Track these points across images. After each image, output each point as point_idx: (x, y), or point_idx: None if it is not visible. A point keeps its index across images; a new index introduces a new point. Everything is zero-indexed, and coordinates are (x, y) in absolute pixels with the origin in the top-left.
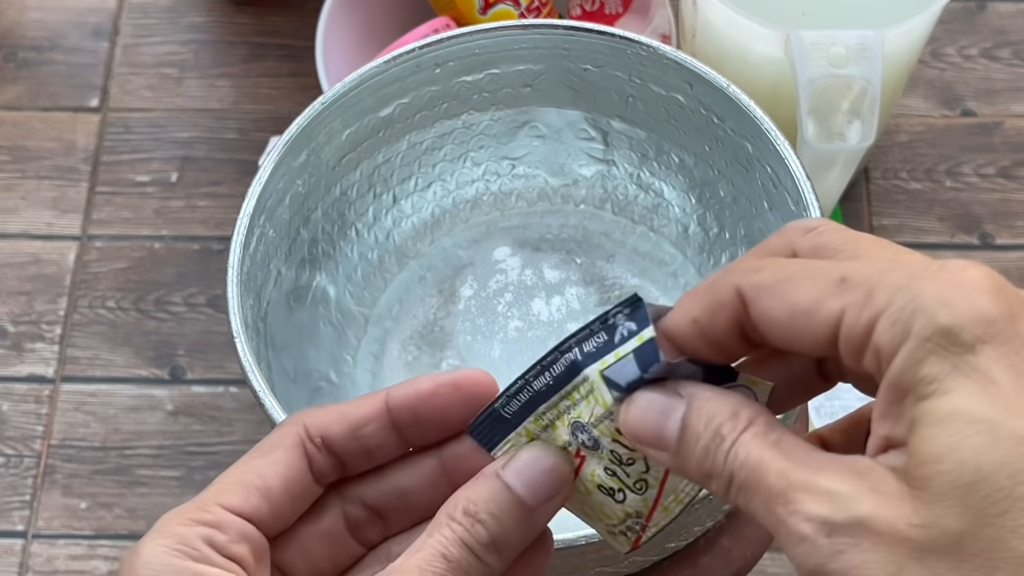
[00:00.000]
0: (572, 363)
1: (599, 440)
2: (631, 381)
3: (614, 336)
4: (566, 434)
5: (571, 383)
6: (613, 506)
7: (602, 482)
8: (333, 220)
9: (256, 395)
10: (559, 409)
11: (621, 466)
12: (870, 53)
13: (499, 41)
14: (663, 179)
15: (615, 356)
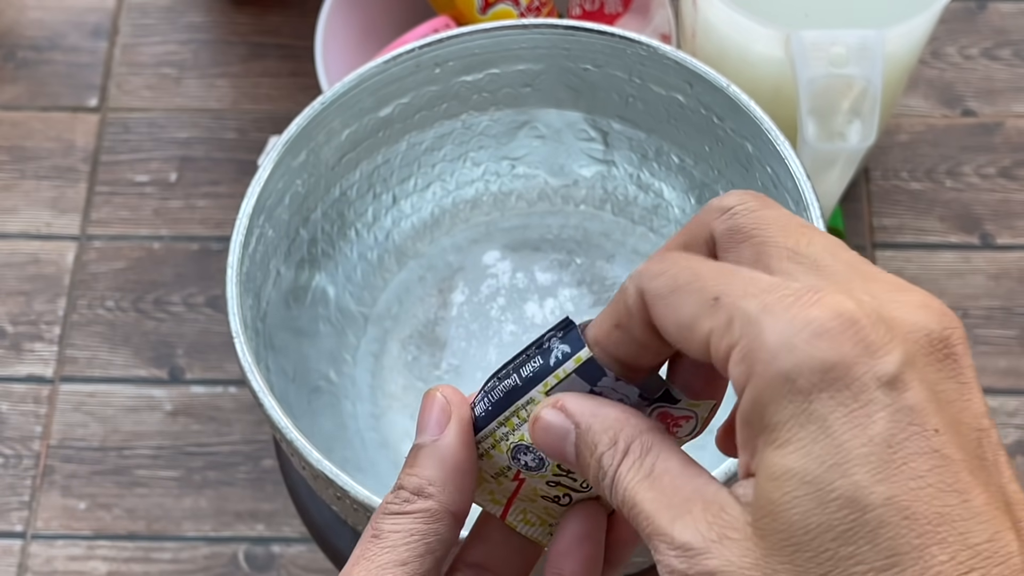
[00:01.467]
0: (512, 388)
1: (545, 459)
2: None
3: (549, 359)
4: (504, 460)
5: (511, 408)
6: (558, 509)
7: (545, 493)
8: (333, 220)
9: (255, 395)
10: (496, 436)
11: (568, 475)
12: (871, 53)
13: (499, 41)
14: (663, 179)
15: (556, 378)
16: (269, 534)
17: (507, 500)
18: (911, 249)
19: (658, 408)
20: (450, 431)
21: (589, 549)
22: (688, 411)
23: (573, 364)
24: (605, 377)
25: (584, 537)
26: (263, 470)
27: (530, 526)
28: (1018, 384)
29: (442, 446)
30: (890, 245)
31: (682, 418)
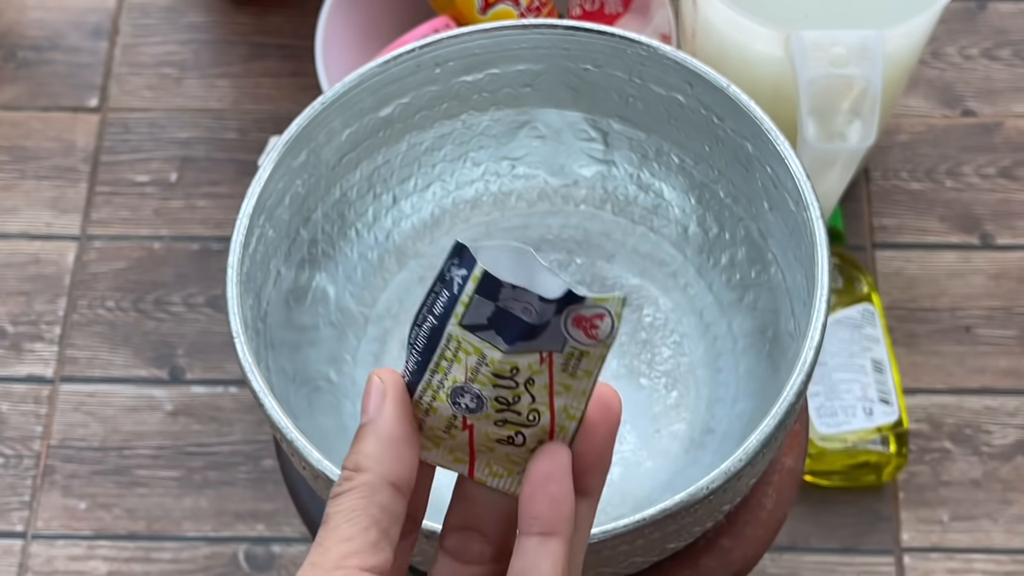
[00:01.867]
0: (431, 329)
1: (481, 395)
2: (491, 317)
3: (453, 288)
4: (448, 409)
5: (437, 351)
6: (518, 452)
7: (498, 436)
8: (333, 220)
9: (256, 395)
10: (433, 386)
11: (509, 409)
12: (871, 53)
13: (499, 41)
14: (663, 179)
15: (463, 305)
16: (269, 534)
17: (468, 455)
18: (911, 249)
19: (571, 312)
20: (385, 407)
21: (555, 488)
22: (599, 308)
23: (473, 285)
24: (503, 288)
25: (547, 477)
26: (263, 470)
27: (499, 478)
28: (1018, 384)
29: (378, 422)
30: (890, 245)
31: (596, 317)
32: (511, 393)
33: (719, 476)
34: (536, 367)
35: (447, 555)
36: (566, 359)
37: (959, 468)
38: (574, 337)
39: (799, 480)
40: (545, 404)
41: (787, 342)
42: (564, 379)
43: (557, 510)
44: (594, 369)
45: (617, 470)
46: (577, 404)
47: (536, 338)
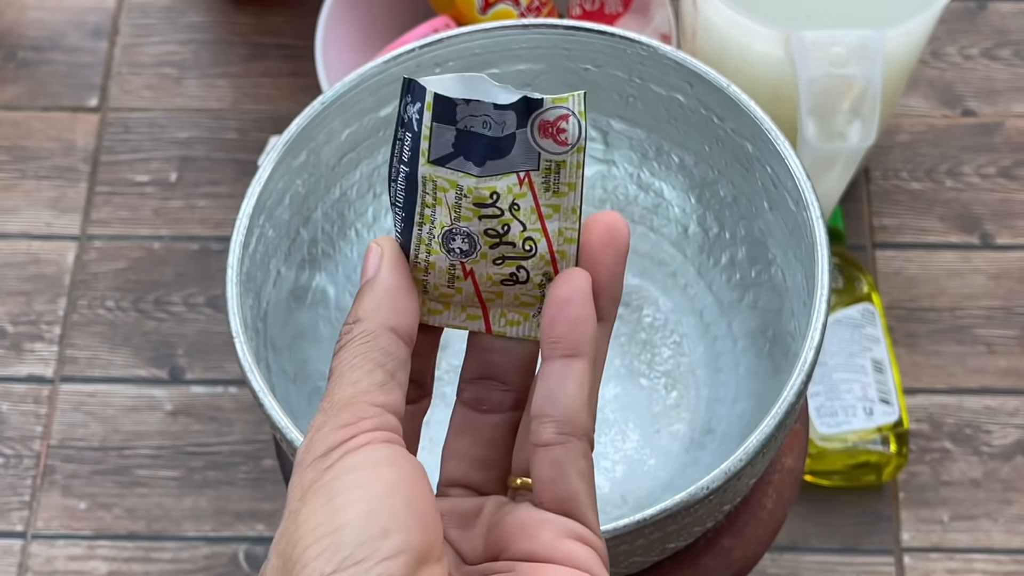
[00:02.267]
0: (406, 179)
1: (470, 232)
2: (455, 142)
3: (413, 127)
4: (444, 260)
5: (417, 200)
6: (525, 289)
7: (502, 276)
8: (333, 220)
9: (255, 395)
10: (424, 240)
11: (502, 242)
12: (871, 53)
13: (499, 41)
14: (663, 179)
15: (425, 140)
16: (269, 534)
17: (481, 308)
18: (911, 249)
19: (535, 120)
20: (383, 266)
21: (576, 310)
22: (560, 108)
23: (428, 114)
24: (458, 106)
25: (567, 300)
26: (263, 470)
27: (516, 326)
28: (1018, 384)
29: (375, 279)
30: (890, 245)
31: (559, 119)
32: (499, 222)
33: (719, 476)
34: (517, 190)
35: (465, 406)
36: (544, 175)
37: (959, 468)
38: (545, 148)
39: (799, 480)
40: (538, 230)
41: (787, 342)
42: (549, 199)
43: (579, 330)
44: (576, 181)
45: (620, 468)
46: (570, 225)
47: (506, 155)
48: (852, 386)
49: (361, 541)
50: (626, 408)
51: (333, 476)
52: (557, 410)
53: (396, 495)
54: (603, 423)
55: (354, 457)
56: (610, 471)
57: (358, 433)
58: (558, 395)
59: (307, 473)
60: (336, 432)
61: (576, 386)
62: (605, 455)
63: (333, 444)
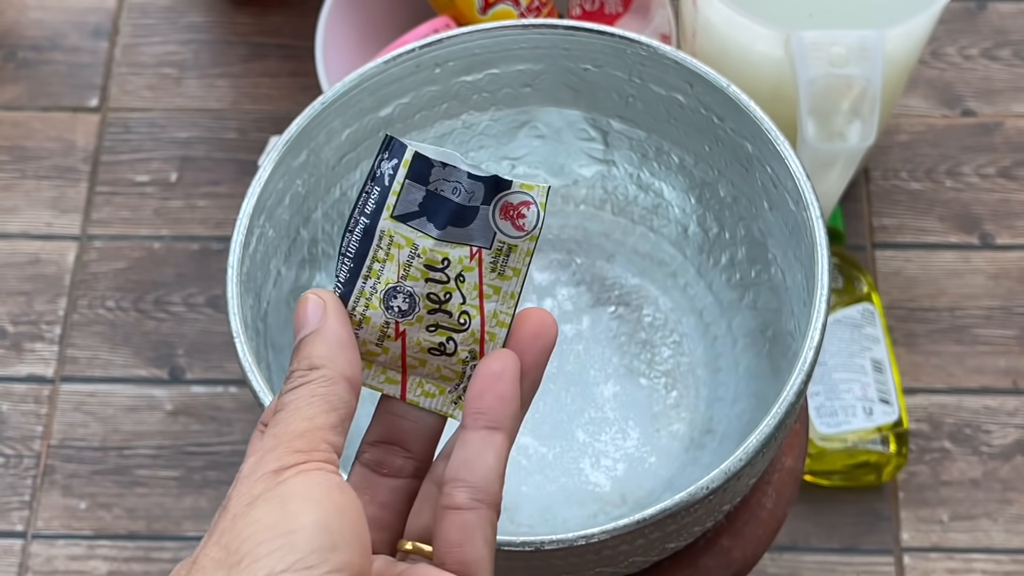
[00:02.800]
0: (364, 230)
1: (413, 292)
2: (422, 202)
3: (384, 181)
4: (380, 317)
5: (369, 254)
6: (449, 362)
7: (431, 344)
8: (333, 220)
9: (256, 395)
10: (366, 294)
11: (440, 310)
12: (871, 53)
13: (499, 41)
14: (663, 179)
15: (394, 195)
16: None
17: (401, 373)
18: (911, 249)
19: (499, 200)
20: (329, 317)
21: (504, 387)
22: (525, 195)
23: (404, 171)
24: (434, 168)
25: (498, 376)
26: None
27: (431, 398)
28: (1018, 384)
29: (324, 329)
30: (890, 245)
31: (522, 205)
32: (443, 289)
33: (719, 476)
34: (466, 263)
35: (364, 467)
36: (495, 256)
37: (959, 468)
38: (502, 230)
39: (799, 480)
40: (475, 307)
41: (787, 342)
42: (493, 279)
43: (505, 406)
44: (521, 268)
45: (621, 467)
46: (506, 310)
47: (466, 226)
48: (852, 386)
49: (313, 548)
50: (626, 406)
51: (287, 488)
52: (474, 477)
53: (345, 517)
54: (603, 421)
55: (308, 476)
56: (611, 470)
57: (311, 460)
58: (476, 464)
59: (256, 485)
60: (291, 455)
61: (494, 458)
62: (606, 453)
63: (287, 464)
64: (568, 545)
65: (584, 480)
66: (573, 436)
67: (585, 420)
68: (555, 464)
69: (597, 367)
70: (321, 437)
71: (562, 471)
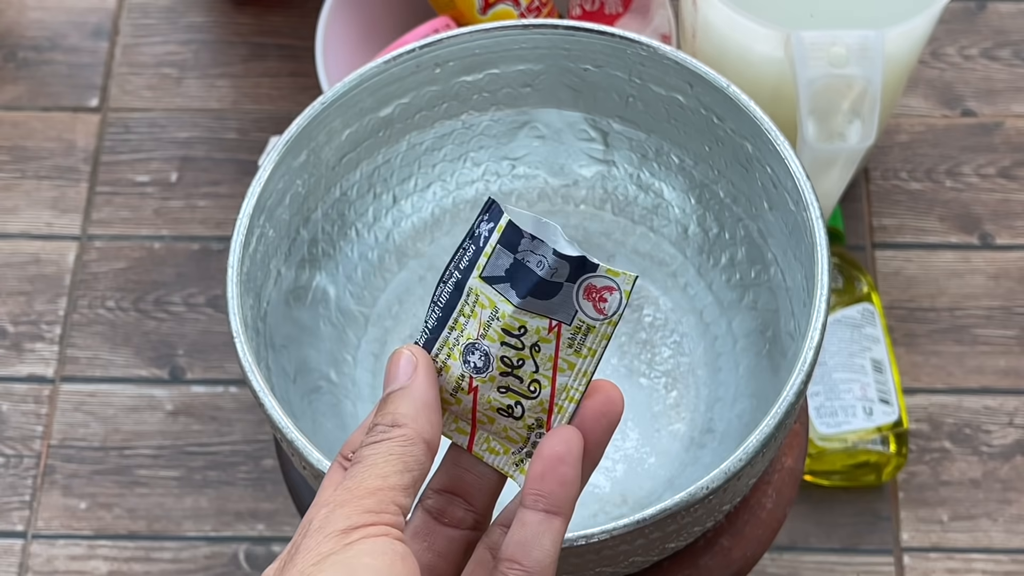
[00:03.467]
0: (456, 284)
1: (489, 352)
2: (509, 269)
3: (479, 242)
4: (458, 368)
5: (457, 307)
6: (515, 425)
7: (499, 404)
8: (333, 220)
9: (256, 395)
10: (449, 344)
11: (512, 373)
12: (871, 53)
13: (499, 41)
14: (663, 179)
15: (485, 256)
16: (269, 534)
17: (470, 425)
18: (911, 249)
19: (584, 281)
20: (418, 375)
21: (566, 471)
22: (609, 280)
23: (497, 235)
24: (523, 239)
25: (561, 459)
26: (263, 470)
27: (495, 455)
28: (1018, 384)
29: (412, 387)
30: (890, 245)
31: (605, 289)
32: (516, 355)
33: (719, 476)
34: (544, 334)
35: (426, 513)
36: (573, 332)
37: (958, 468)
38: (583, 309)
39: (799, 480)
40: (548, 377)
41: (787, 342)
42: (568, 355)
43: (566, 491)
44: (598, 348)
45: (621, 467)
46: (577, 386)
47: (547, 299)
48: (852, 386)
49: None
50: (628, 406)
51: (354, 554)
52: (529, 562)
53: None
54: None
55: (374, 543)
56: (611, 470)
57: (379, 523)
58: (532, 547)
59: (325, 542)
60: (360, 515)
61: (551, 543)
62: (605, 454)
63: (356, 524)
64: (568, 545)
65: None
66: None
67: None
68: None
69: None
70: (392, 498)
71: None
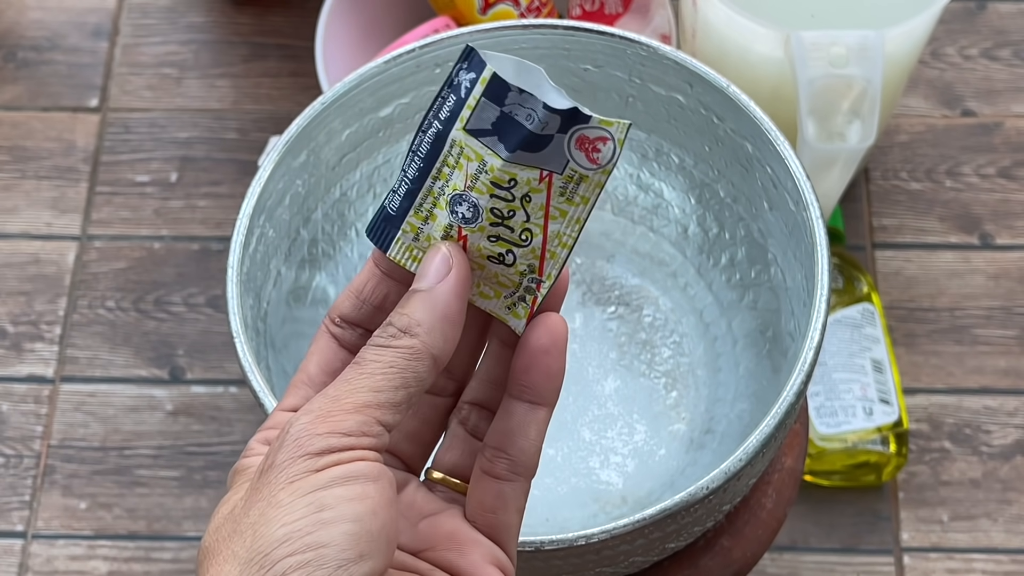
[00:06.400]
0: (436, 135)
1: (477, 204)
2: (495, 122)
3: (460, 92)
4: (445, 218)
5: (440, 157)
6: (506, 271)
7: (490, 252)
8: (333, 220)
9: (256, 395)
10: (434, 193)
11: (503, 223)
12: (870, 53)
13: (499, 41)
14: (663, 179)
15: (468, 109)
16: None
17: None
18: (911, 249)
19: (576, 131)
20: (448, 281)
21: (551, 362)
22: (603, 130)
23: (480, 87)
24: (510, 92)
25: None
26: None
27: (486, 299)
28: (1018, 384)
29: (437, 293)
30: (890, 245)
31: (598, 139)
32: (507, 206)
33: (719, 476)
34: (535, 184)
35: None
36: (565, 182)
37: (958, 468)
38: (575, 159)
39: (799, 480)
40: (539, 225)
41: (787, 342)
42: (560, 203)
43: (551, 383)
44: (591, 196)
45: (632, 463)
46: (570, 232)
47: (537, 151)
48: (852, 386)
49: (340, 563)
50: (628, 400)
51: (325, 481)
52: (514, 451)
53: (376, 518)
54: (607, 418)
55: (347, 468)
56: (622, 466)
57: (356, 447)
58: (518, 437)
59: (296, 464)
60: (339, 438)
61: (536, 433)
62: (614, 450)
63: (332, 447)
64: (568, 545)
65: (595, 479)
66: (579, 435)
67: (589, 418)
68: (564, 465)
69: (595, 364)
70: (378, 417)
71: (572, 472)
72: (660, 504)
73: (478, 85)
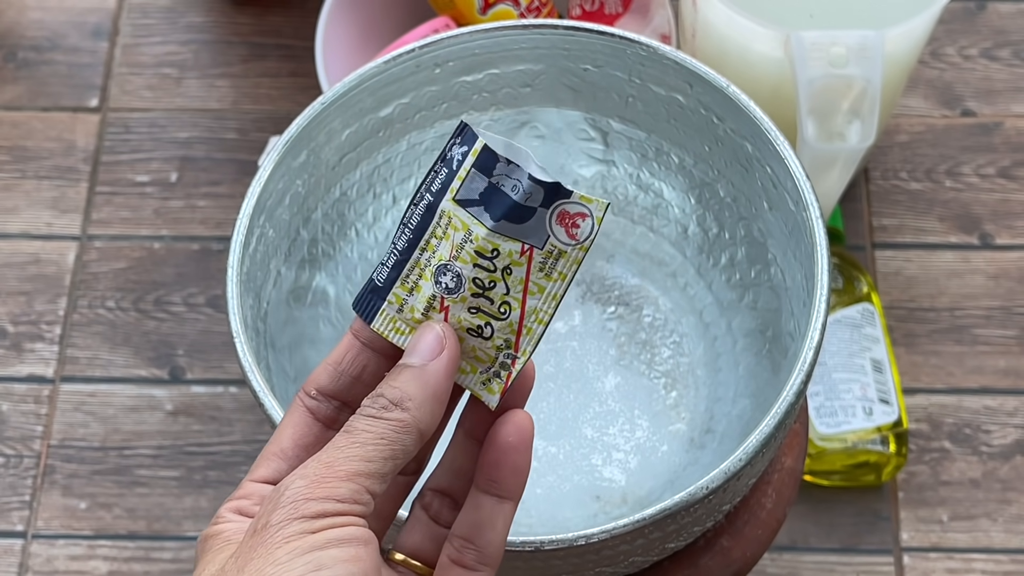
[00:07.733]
0: (427, 207)
1: (461, 273)
2: (483, 192)
3: (452, 165)
4: (430, 288)
5: (429, 228)
6: (484, 345)
7: (470, 324)
8: (333, 220)
9: (256, 395)
10: (420, 264)
11: (484, 294)
12: (870, 53)
13: (499, 41)
14: (663, 179)
15: (459, 179)
16: None
17: None
18: (911, 249)
19: (557, 206)
20: (440, 360)
21: (518, 459)
22: (583, 207)
23: (471, 159)
24: (499, 163)
25: (513, 448)
26: None
27: (463, 375)
28: (1018, 384)
29: (429, 370)
30: (890, 245)
31: (578, 215)
32: (488, 277)
33: (719, 476)
34: (516, 257)
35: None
36: (544, 257)
37: (958, 468)
38: (556, 234)
39: (799, 480)
40: (518, 300)
41: (787, 342)
42: (539, 278)
43: (517, 479)
44: (568, 273)
45: (635, 459)
46: (547, 308)
47: (520, 223)
48: (851, 386)
49: None
50: (629, 396)
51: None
52: (482, 542)
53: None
54: (609, 414)
55: (341, 532)
56: (624, 463)
57: (348, 513)
58: (486, 529)
59: (291, 526)
60: (334, 504)
61: (503, 525)
62: (616, 447)
63: (327, 512)
64: (568, 545)
65: (598, 476)
66: (580, 433)
67: (591, 415)
68: (566, 463)
69: (595, 361)
70: (367, 486)
71: (574, 469)
72: (660, 504)
73: (469, 157)
